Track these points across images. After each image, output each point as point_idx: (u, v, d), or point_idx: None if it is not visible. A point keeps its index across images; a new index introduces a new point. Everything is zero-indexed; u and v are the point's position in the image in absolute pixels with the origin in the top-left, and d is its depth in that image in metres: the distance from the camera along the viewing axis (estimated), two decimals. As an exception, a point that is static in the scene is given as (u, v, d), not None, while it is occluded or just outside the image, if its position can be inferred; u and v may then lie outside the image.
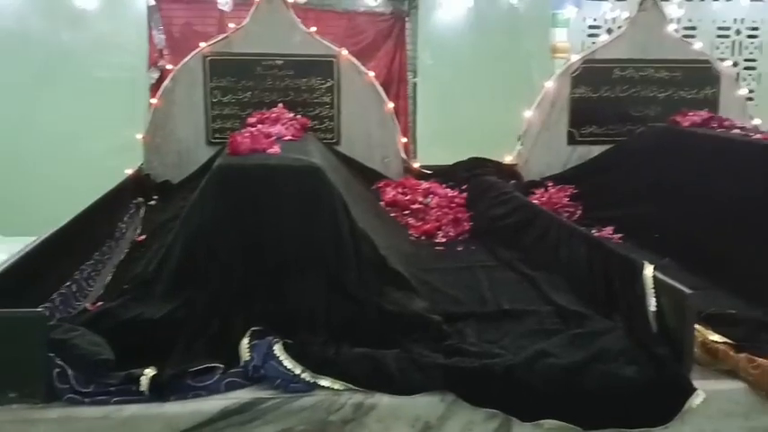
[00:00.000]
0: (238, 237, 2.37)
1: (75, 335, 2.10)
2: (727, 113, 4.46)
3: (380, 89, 4.68)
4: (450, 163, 4.75)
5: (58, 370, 1.99)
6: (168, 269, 2.45)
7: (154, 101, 4.53)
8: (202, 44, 4.50)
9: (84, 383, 1.99)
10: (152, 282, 2.46)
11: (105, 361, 2.03)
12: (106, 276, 2.98)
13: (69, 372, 1.99)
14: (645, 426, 2.07)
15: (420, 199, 4.18)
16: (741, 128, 3.92)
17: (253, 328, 2.20)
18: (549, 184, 4.45)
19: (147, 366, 2.04)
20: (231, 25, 4.63)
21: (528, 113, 4.72)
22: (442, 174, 4.64)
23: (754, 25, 7.62)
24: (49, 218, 2.95)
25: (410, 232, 3.83)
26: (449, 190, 4.37)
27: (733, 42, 7.65)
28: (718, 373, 2.20)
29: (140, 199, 4.18)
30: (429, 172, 4.67)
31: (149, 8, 6.31)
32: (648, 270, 2.30)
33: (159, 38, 6.29)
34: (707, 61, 4.74)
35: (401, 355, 2.17)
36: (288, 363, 2.09)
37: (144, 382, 2.00)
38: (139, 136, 4.50)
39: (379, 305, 2.38)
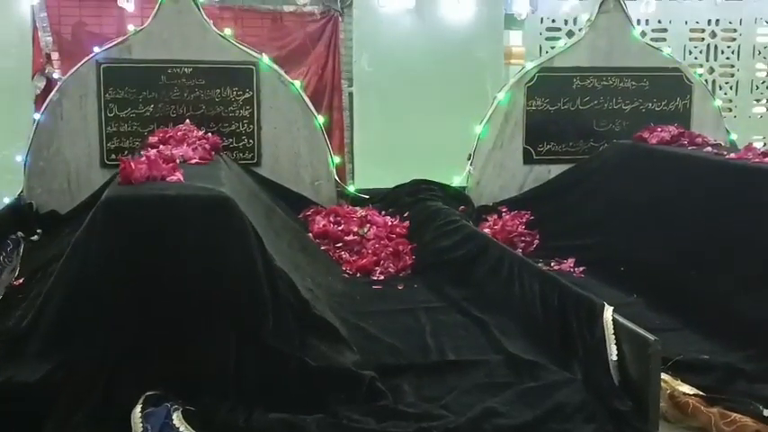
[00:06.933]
0: (130, 282, 2.31)
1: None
2: (701, 127, 4.62)
3: (308, 101, 4.67)
4: (391, 186, 4.76)
5: None
6: (45, 322, 2.37)
7: (38, 115, 4.42)
8: (97, 49, 4.43)
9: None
10: (26, 338, 2.38)
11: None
12: (-27, 330, 2.86)
13: None
14: (606, 495, 2.09)
15: (355, 229, 4.18)
16: (714, 145, 4.04)
17: (147, 393, 2.14)
18: (503, 210, 4.52)
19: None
20: (131, 27, 4.56)
21: (478, 129, 4.76)
22: (381, 199, 4.66)
23: (732, 27, 7.88)
24: None
25: (343, 268, 3.82)
26: (389, 218, 4.37)
27: (708, 46, 7.90)
28: (688, 431, 2.23)
29: (20, 233, 4.05)
30: (366, 197, 4.68)
31: (33, 6, 6.17)
32: (608, 313, 2.34)
33: (46, 40, 6.13)
34: (677, 69, 4.88)
35: (325, 421, 2.14)
36: (189, 434, 2.04)
37: (12, 461, 1.92)
38: (20, 158, 4.37)
39: (301, 360, 2.35)
